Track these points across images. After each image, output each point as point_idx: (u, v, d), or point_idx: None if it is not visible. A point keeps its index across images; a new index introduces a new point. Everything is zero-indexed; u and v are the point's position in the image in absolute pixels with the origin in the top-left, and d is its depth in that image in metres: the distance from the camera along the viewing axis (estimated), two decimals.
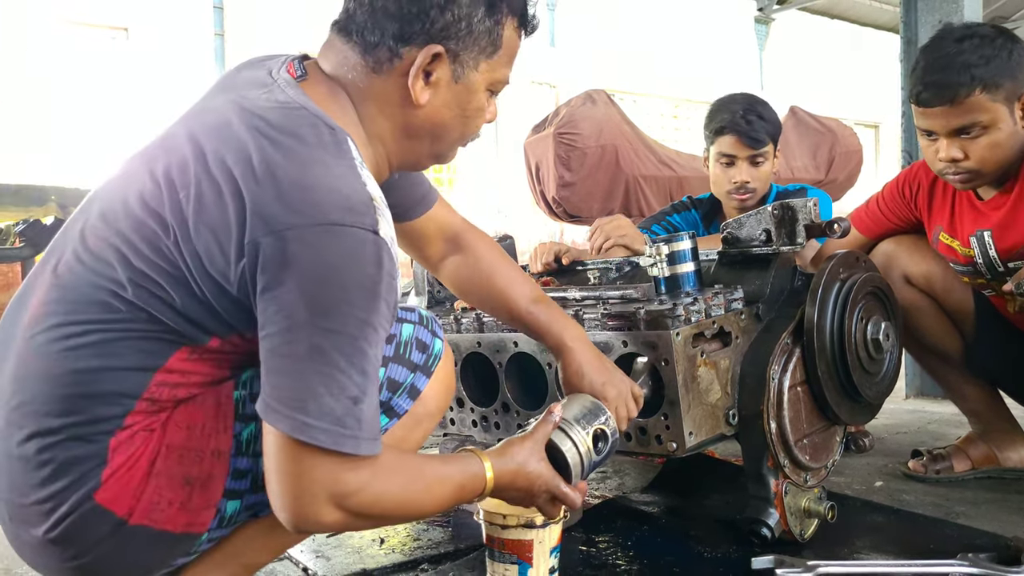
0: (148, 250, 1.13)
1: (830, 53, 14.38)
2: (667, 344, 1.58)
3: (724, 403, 1.68)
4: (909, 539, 1.82)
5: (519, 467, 1.31)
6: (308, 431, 1.04)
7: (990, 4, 12.58)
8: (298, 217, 1.06)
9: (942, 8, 3.47)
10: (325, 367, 1.05)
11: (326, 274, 1.05)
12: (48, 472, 1.12)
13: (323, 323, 1.05)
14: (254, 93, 1.20)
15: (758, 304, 1.77)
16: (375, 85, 1.25)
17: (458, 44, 1.24)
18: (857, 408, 1.83)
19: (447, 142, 1.34)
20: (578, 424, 1.41)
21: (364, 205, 1.10)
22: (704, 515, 2.03)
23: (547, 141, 6.65)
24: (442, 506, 1.23)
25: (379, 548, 1.86)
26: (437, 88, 1.25)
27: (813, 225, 1.74)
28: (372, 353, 1.09)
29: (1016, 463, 2.26)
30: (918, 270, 2.18)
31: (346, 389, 1.06)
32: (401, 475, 1.16)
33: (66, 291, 1.15)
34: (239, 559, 1.31)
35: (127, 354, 1.14)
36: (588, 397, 1.48)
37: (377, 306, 1.09)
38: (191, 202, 1.11)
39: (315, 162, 1.11)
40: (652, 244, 1.78)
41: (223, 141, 1.14)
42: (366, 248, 1.08)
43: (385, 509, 1.15)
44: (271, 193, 1.07)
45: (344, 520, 1.11)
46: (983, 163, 1.92)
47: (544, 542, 1.48)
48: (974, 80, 1.85)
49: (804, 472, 1.74)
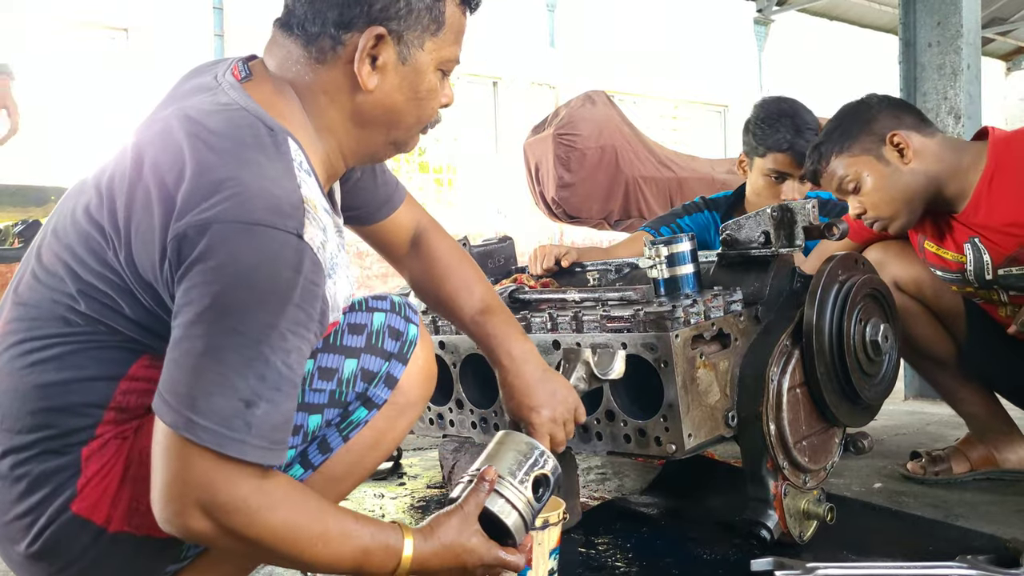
0: (94, 262, 1.12)
1: (829, 55, 14.38)
2: (666, 346, 1.58)
3: (723, 405, 1.69)
4: (908, 541, 1.82)
5: (446, 547, 1.21)
6: (192, 428, 1.00)
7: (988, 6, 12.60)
8: (221, 215, 1.03)
9: (941, 10, 3.48)
10: (219, 366, 1.01)
11: (239, 273, 1.02)
12: (24, 486, 1.13)
13: (226, 322, 1.02)
14: (197, 99, 1.19)
15: (757, 306, 1.77)
16: (321, 76, 1.23)
17: (400, 24, 1.21)
18: (856, 410, 1.83)
19: (403, 127, 1.30)
20: (512, 477, 1.31)
21: (292, 207, 1.07)
22: (703, 517, 2.03)
23: (547, 142, 6.66)
24: (337, 565, 1.12)
25: None
26: (384, 72, 1.23)
27: (812, 227, 1.74)
28: (276, 360, 1.04)
29: (1015, 464, 2.26)
30: (907, 275, 2.19)
31: (239, 391, 1.01)
32: (288, 509, 1.07)
33: (27, 308, 1.16)
34: (233, 559, 1.30)
35: (89, 365, 1.14)
36: (521, 438, 1.38)
37: (287, 311, 1.05)
38: (123, 210, 1.10)
39: (248, 163, 1.08)
40: (651, 246, 1.78)
41: (162, 147, 1.12)
42: (285, 251, 1.05)
43: (260, 537, 1.05)
44: (197, 193, 1.05)
45: (212, 533, 1.04)
46: (877, 208, 2.03)
47: (543, 544, 1.48)
48: (822, 156, 2.09)
49: (803, 474, 1.75)
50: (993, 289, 2.07)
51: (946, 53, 3.47)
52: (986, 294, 2.11)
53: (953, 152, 2.02)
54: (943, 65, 3.48)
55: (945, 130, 3.46)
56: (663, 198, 7.17)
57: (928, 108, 3.52)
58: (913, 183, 2.01)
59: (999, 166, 1.95)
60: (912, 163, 2.00)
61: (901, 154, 2.00)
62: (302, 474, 1.28)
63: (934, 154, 2.01)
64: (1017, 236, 1.95)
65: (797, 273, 1.84)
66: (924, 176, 2.00)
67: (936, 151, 2.02)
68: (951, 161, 2.01)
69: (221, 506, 1.02)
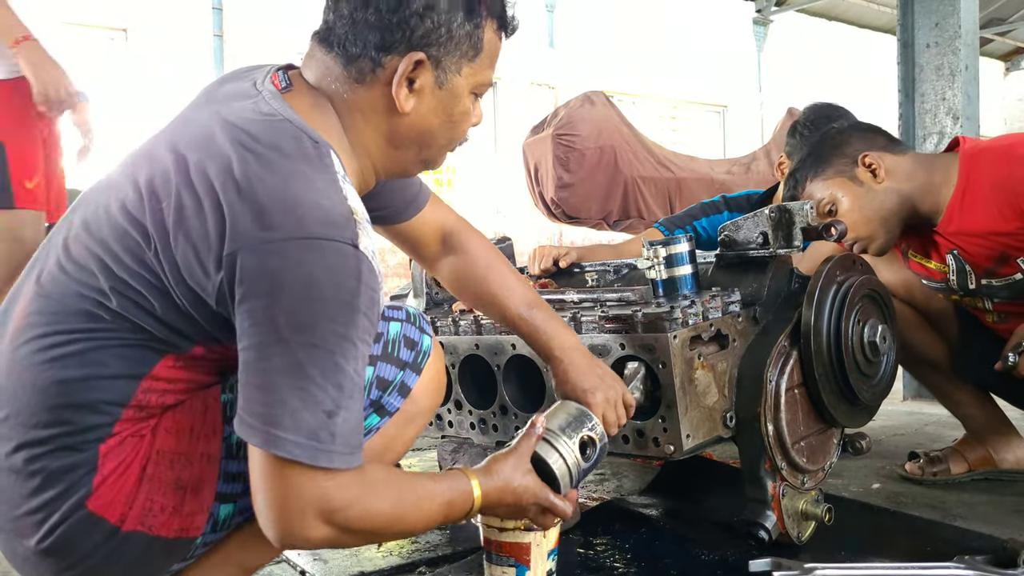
0: (130, 260, 1.12)
1: (828, 55, 14.38)
2: (664, 347, 1.58)
3: (721, 406, 1.69)
4: (906, 541, 1.83)
5: (505, 483, 1.30)
6: (283, 445, 1.03)
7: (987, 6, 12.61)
8: (278, 231, 1.06)
9: (939, 11, 3.48)
10: (300, 381, 1.04)
11: (305, 288, 1.05)
12: (38, 482, 1.12)
13: (300, 337, 1.04)
14: (238, 105, 1.20)
15: (755, 307, 1.77)
16: (359, 95, 1.24)
17: (439, 50, 1.23)
18: (854, 410, 1.83)
19: (435, 148, 1.33)
20: (563, 433, 1.39)
21: (344, 219, 1.10)
22: (702, 518, 2.03)
23: (546, 142, 6.67)
24: (430, 524, 1.22)
25: (376, 551, 1.86)
26: (421, 95, 1.25)
27: (810, 228, 1.75)
28: (350, 368, 1.07)
29: (1012, 464, 2.27)
30: (897, 279, 2.20)
31: (321, 403, 1.05)
32: (391, 491, 1.15)
33: (50, 301, 1.15)
34: (236, 561, 1.30)
35: (112, 362, 1.13)
36: (573, 405, 1.46)
37: (356, 320, 1.08)
38: (171, 213, 1.11)
39: (296, 175, 1.10)
40: (650, 247, 1.78)
41: (206, 153, 1.13)
42: (346, 262, 1.08)
43: (375, 525, 1.13)
44: (251, 207, 1.07)
45: (332, 536, 1.09)
46: (855, 228, 2.03)
47: (542, 545, 1.48)
48: (797, 182, 2.11)
49: (801, 474, 1.75)
50: (978, 297, 2.09)
51: (944, 54, 3.47)
52: (972, 302, 2.13)
53: (925, 170, 2.03)
54: (941, 66, 3.48)
55: (944, 131, 3.47)
56: (662, 198, 7.17)
57: (926, 109, 3.53)
58: (887, 202, 2.02)
59: (970, 181, 1.96)
60: (885, 182, 2.01)
61: (874, 174, 2.02)
62: None
63: (906, 172, 2.03)
64: (991, 249, 1.97)
65: (795, 274, 1.84)
66: (897, 194, 2.02)
67: (908, 169, 2.03)
68: (923, 179, 2.02)
69: (337, 510, 1.08)
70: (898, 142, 2.12)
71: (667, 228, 2.67)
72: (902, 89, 3.62)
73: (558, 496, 1.35)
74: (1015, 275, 1.97)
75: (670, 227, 2.68)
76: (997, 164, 1.93)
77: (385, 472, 1.17)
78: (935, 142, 3.48)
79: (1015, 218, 1.90)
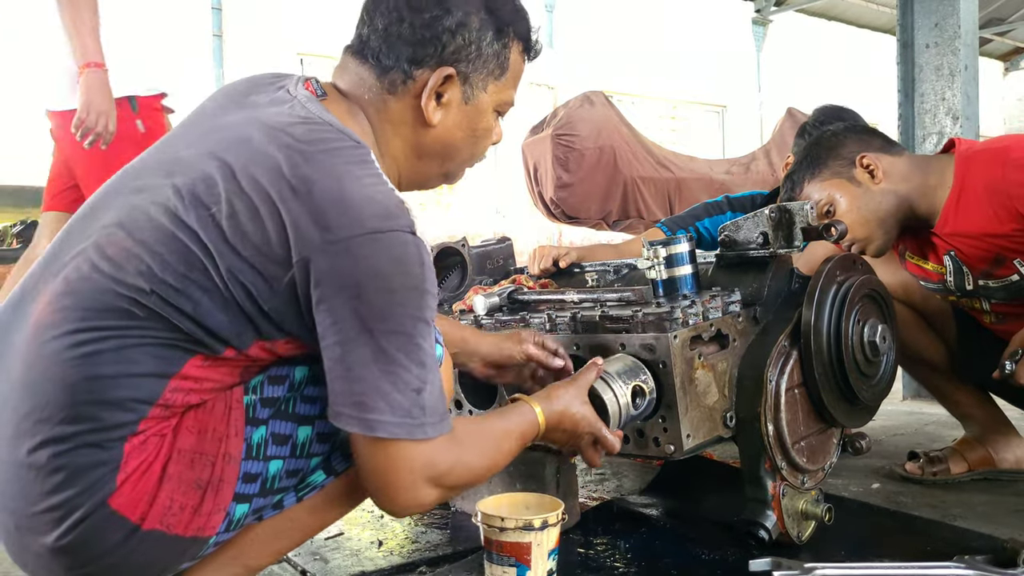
0: (177, 262, 1.14)
1: (827, 55, 14.39)
2: (665, 347, 1.58)
3: (722, 405, 1.69)
4: (906, 541, 1.83)
5: (565, 408, 1.43)
6: (384, 427, 1.13)
7: (986, 6, 12.62)
8: (342, 231, 1.12)
9: (938, 11, 3.48)
10: (388, 366, 1.13)
11: (377, 280, 1.12)
12: (61, 478, 1.11)
13: (381, 326, 1.13)
14: (274, 110, 1.24)
15: (755, 307, 1.77)
16: (390, 106, 1.32)
17: (468, 66, 1.32)
18: (854, 410, 1.83)
19: (457, 162, 1.41)
20: (620, 378, 1.52)
21: (399, 208, 1.16)
22: (702, 517, 2.03)
23: (545, 142, 6.67)
24: (511, 457, 1.37)
25: (377, 551, 1.86)
26: (448, 109, 1.33)
27: (810, 228, 1.75)
28: (426, 345, 1.17)
29: (1012, 464, 2.27)
30: (895, 280, 2.21)
31: (409, 383, 1.14)
32: (479, 443, 1.30)
33: (81, 298, 1.14)
34: (241, 560, 1.31)
35: (144, 360, 1.14)
36: (630, 357, 1.57)
37: (426, 301, 1.17)
38: (224, 218, 1.14)
39: (347, 174, 1.17)
40: (650, 247, 1.78)
41: (250, 157, 1.17)
42: (408, 249, 1.15)
43: (474, 475, 1.29)
44: (311, 209, 1.13)
45: (442, 495, 1.23)
46: (852, 229, 2.03)
47: (542, 544, 1.49)
48: (795, 184, 2.12)
49: (801, 474, 1.75)
50: (975, 298, 2.09)
51: (944, 54, 3.47)
52: (969, 303, 2.14)
53: (921, 171, 2.04)
54: (941, 66, 3.48)
55: (943, 131, 3.47)
56: (661, 198, 7.17)
57: (926, 109, 3.53)
58: (885, 203, 2.02)
59: (965, 183, 1.97)
60: (882, 183, 2.02)
61: (871, 175, 2.02)
62: (324, 479, 1.30)
63: (902, 174, 2.03)
64: (986, 251, 1.97)
65: (795, 274, 1.84)
66: (895, 195, 2.02)
67: (904, 171, 2.04)
68: (919, 180, 2.03)
69: (444, 474, 1.21)
70: (894, 144, 2.13)
71: (669, 228, 2.66)
72: (901, 89, 3.62)
73: (608, 429, 1.48)
74: (1012, 276, 1.98)
75: (672, 227, 2.66)
76: (991, 166, 1.93)
77: (467, 426, 1.31)
78: (935, 142, 3.48)
79: (1010, 220, 1.90)
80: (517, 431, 1.37)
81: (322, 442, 1.28)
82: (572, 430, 1.45)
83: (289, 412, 1.25)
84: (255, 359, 1.21)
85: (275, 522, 1.30)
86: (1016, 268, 1.96)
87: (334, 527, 2.00)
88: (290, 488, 1.28)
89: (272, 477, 1.24)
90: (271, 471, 1.23)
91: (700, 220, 2.73)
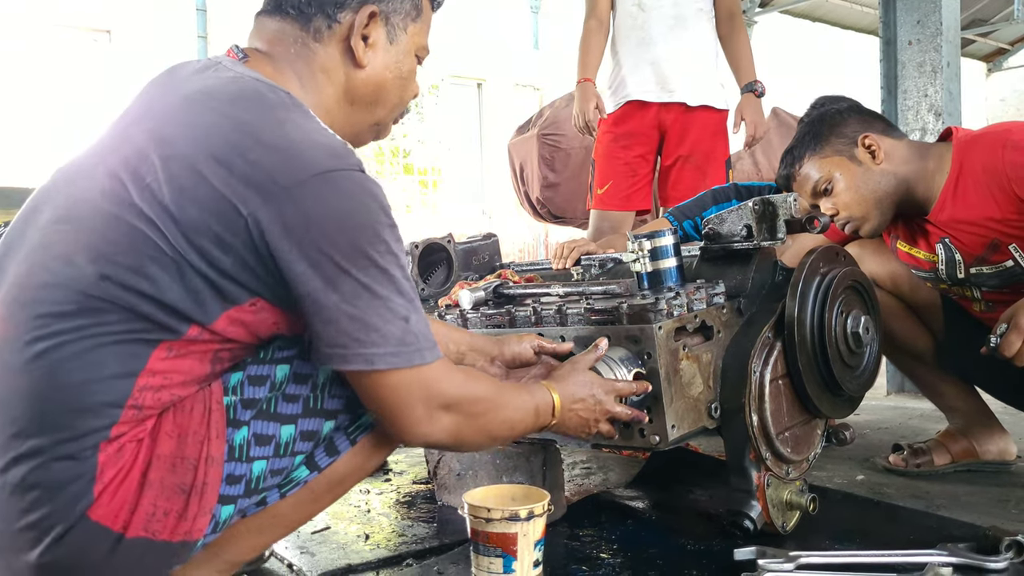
0: (125, 241, 1.11)
1: (812, 56, 14.47)
2: (650, 338, 1.59)
3: (706, 396, 1.70)
4: (890, 530, 1.84)
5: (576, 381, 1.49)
6: (383, 359, 1.14)
7: (969, 7, 12.70)
8: (292, 175, 1.11)
9: (921, 8, 3.51)
10: (373, 300, 1.14)
11: (340, 219, 1.12)
12: (37, 495, 1.09)
13: (355, 263, 1.13)
14: (198, 78, 1.24)
15: (740, 299, 1.78)
16: (318, 54, 1.33)
17: (388, 5, 1.36)
18: (838, 401, 1.84)
19: (387, 108, 1.43)
20: (621, 364, 1.56)
21: (344, 149, 1.18)
22: (687, 509, 2.04)
23: (531, 142, 6.66)
24: (526, 420, 1.38)
25: (364, 544, 1.86)
26: (375, 49, 1.36)
27: (793, 220, 1.76)
28: (401, 276, 1.18)
29: (995, 456, 2.28)
30: (884, 271, 2.22)
31: (397, 312, 1.16)
32: (484, 379, 1.34)
33: (34, 306, 1.12)
34: (223, 556, 1.30)
35: (107, 361, 1.11)
36: (623, 349, 1.60)
37: (394, 234, 1.17)
38: (163, 184, 1.11)
39: (287, 121, 1.18)
40: (634, 240, 1.79)
41: (185, 123, 1.16)
42: (366, 185, 1.16)
43: (485, 408, 1.29)
44: (255, 159, 1.12)
45: (457, 424, 1.24)
46: (849, 208, 2.06)
47: (528, 535, 1.49)
48: (795, 159, 2.12)
49: (786, 465, 1.76)
50: (966, 286, 2.11)
51: (926, 51, 3.50)
52: (959, 291, 2.15)
53: (919, 156, 2.06)
54: (923, 63, 3.51)
55: (926, 127, 3.50)
56: None
57: (908, 106, 3.56)
58: (884, 183, 2.04)
59: (963, 169, 1.98)
60: (883, 164, 2.04)
61: (873, 155, 2.04)
62: (307, 475, 1.28)
63: (903, 157, 2.05)
64: (983, 236, 1.99)
65: (779, 266, 1.85)
66: (894, 177, 2.04)
67: (904, 154, 2.06)
68: (918, 164, 2.05)
69: (454, 400, 1.23)
70: (895, 128, 2.15)
71: (676, 218, 2.64)
72: (884, 86, 3.64)
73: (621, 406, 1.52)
74: (1006, 262, 1.99)
75: (679, 217, 2.64)
76: (992, 149, 1.94)
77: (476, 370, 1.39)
78: (917, 138, 3.50)
79: (1008, 203, 1.91)
80: (532, 401, 1.39)
81: (305, 440, 1.26)
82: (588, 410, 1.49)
83: (271, 412, 1.23)
84: (224, 339, 1.17)
85: (258, 518, 1.28)
86: (1011, 254, 1.97)
87: (321, 521, 2.00)
88: (274, 486, 1.28)
89: (256, 478, 1.22)
90: (255, 472, 1.22)
91: (707, 209, 2.71)
